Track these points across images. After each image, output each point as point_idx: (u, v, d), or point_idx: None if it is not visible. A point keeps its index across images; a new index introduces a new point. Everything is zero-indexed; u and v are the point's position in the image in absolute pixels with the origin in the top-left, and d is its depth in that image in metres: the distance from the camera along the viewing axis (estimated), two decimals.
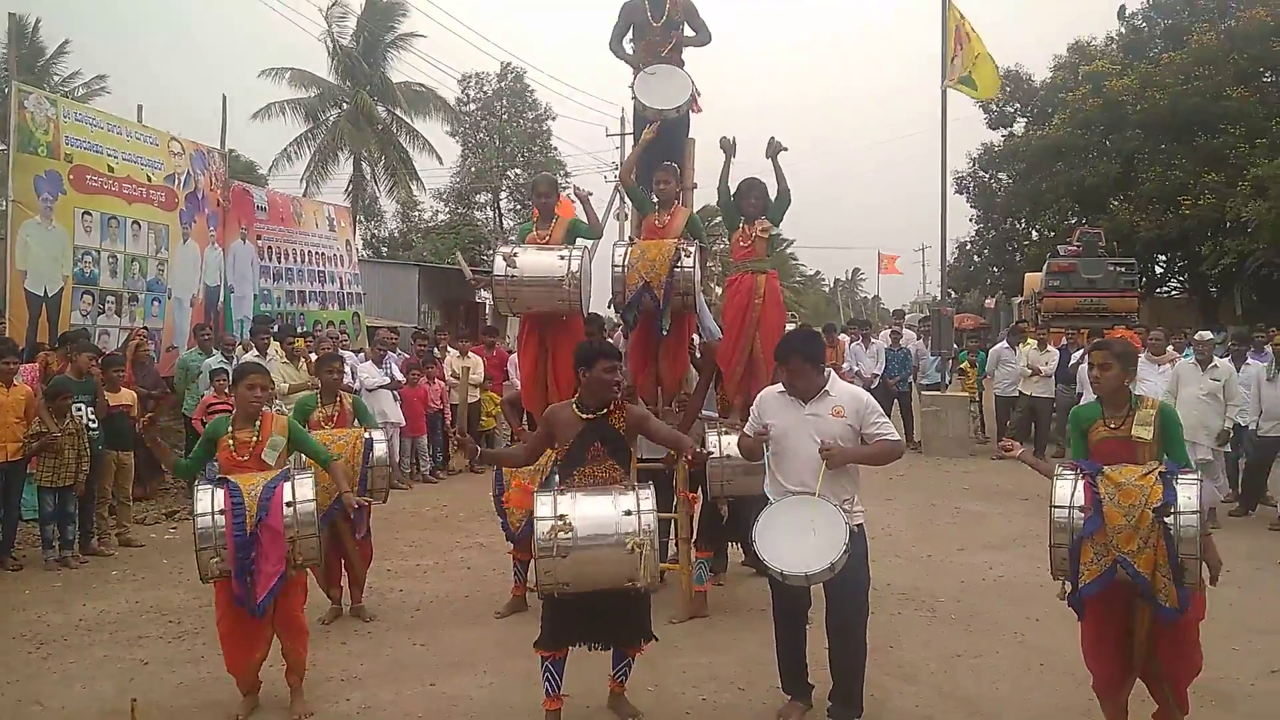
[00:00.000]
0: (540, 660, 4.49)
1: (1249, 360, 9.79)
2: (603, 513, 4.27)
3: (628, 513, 4.24)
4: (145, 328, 10.91)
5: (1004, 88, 27.78)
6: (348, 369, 8.57)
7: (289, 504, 4.49)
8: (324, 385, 6.42)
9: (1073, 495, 3.98)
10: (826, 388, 4.51)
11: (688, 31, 7.05)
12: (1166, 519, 3.77)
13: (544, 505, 4.28)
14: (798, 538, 4.19)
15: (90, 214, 10.54)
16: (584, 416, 4.50)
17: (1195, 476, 3.91)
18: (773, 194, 6.36)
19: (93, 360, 8.24)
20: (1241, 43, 22.81)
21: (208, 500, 4.46)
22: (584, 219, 6.75)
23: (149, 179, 11.52)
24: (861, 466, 4.58)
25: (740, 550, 7.12)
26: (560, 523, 4.18)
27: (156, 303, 11.56)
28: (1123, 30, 28.12)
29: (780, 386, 4.62)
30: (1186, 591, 3.79)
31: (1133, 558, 3.81)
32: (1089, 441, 4.21)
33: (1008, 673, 5.27)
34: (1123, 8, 28.18)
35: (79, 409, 7.73)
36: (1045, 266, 18.07)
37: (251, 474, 4.64)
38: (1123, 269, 17.29)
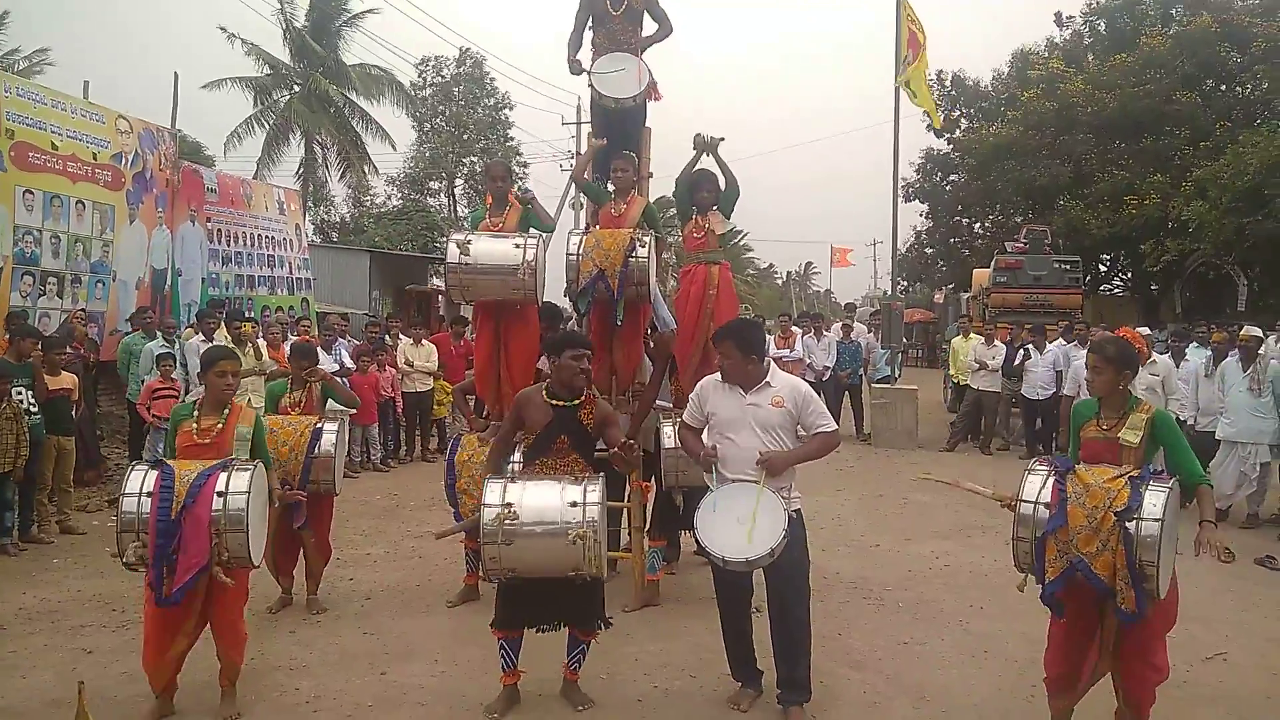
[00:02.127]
0: (497, 640, 4.57)
1: (1187, 356, 10.08)
2: (548, 503, 4.31)
3: (573, 504, 4.28)
4: (84, 309, 10.65)
5: (948, 93, 28.32)
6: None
7: (220, 494, 4.25)
8: (295, 378, 6.35)
9: (1040, 490, 3.95)
10: (767, 379, 4.55)
11: (648, 23, 7.02)
12: (1128, 523, 3.71)
13: (493, 492, 4.33)
14: (738, 525, 4.25)
15: (32, 192, 10.24)
16: (553, 404, 4.52)
17: (1167, 485, 3.82)
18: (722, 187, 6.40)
19: (34, 344, 8.05)
20: (1189, 48, 23.36)
21: (138, 482, 4.27)
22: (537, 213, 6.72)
23: (95, 157, 11.22)
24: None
25: (693, 539, 7.16)
26: (506, 511, 4.23)
27: (100, 285, 11.28)
28: (1065, 36, 28.68)
29: (720, 375, 4.65)
30: (1144, 596, 3.73)
31: (1090, 560, 3.76)
32: (1081, 438, 4.17)
33: (953, 659, 5.38)
34: (1059, 13, 28.76)
35: (18, 393, 7.54)
36: (993, 263, 18.38)
37: (199, 460, 4.46)
38: (1068, 266, 17.65)
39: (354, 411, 10.75)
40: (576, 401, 4.55)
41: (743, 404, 4.52)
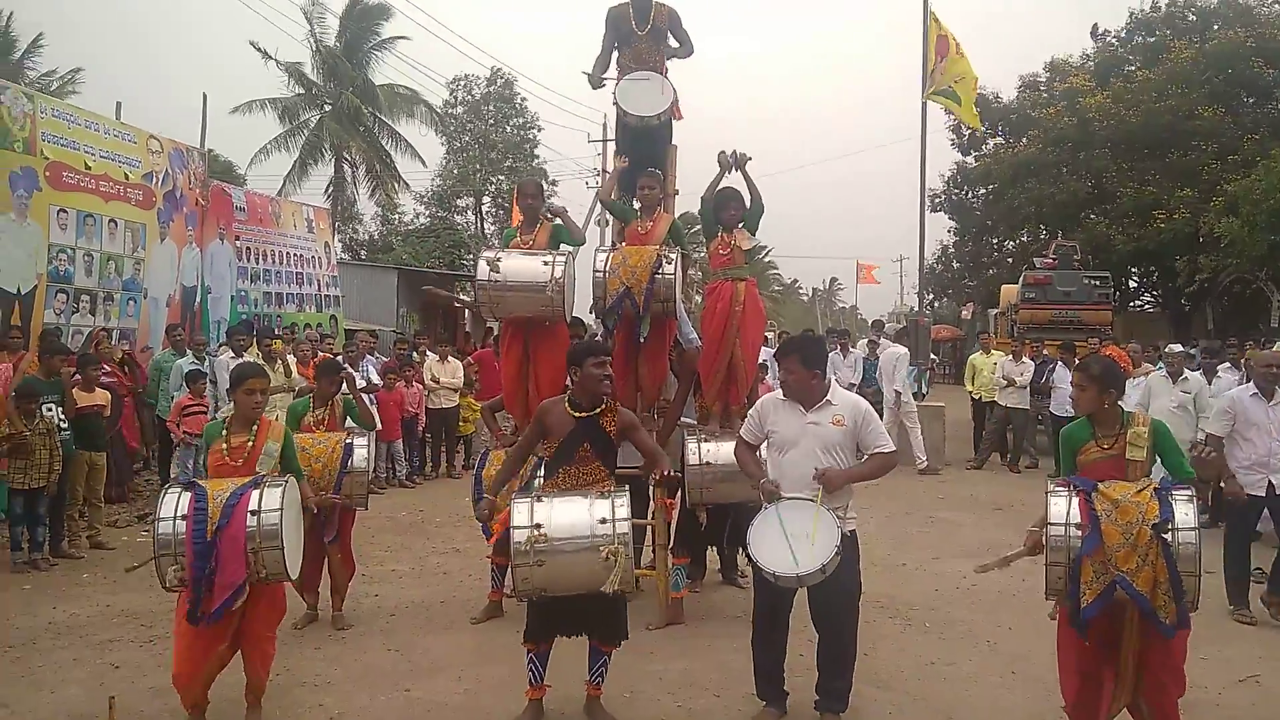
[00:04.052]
0: (526, 652, 4.59)
1: (1219, 374, 9.93)
2: (578, 520, 4.30)
3: (603, 520, 4.28)
4: (105, 328, 10.77)
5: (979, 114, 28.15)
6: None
7: (253, 512, 4.24)
8: (318, 395, 6.38)
9: (1068, 512, 3.88)
10: (828, 396, 4.54)
11: (671, 42, 7.05)
12: (1165, 535, 3.70)
13: (520, 514, 4.31)
14: (792, 541, 4.24)
15: (66, 211, 10.42)
16: (576, 415, 4.55)
17: (1190, 492, 3.85)
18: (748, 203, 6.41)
19: (65, 360, 8.15)
20: (1217, 62, 23.12)
21: (172, 505, 4.27)
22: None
23: (126, 177, 11.41)
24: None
25: (718, 557, 7.13)
26: (536, 532, 4.22)
27: (132, 302, 11.45)
28: (1096, 48, 28.46)
29: (782, 392, 4.65)
30: (1185, 608, 3.74)
31: (1131, 576, 3.72)
32: (1078, 461, 4.15)
33: (980, 680, 5.31)
34: (1095, 25, 28.56)
35: (49, 409, 7.64)
36: (1021, 279, 18.24)
37: (231, 479, 4.46)
38: (1097, 282, 17.45)
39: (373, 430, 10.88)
40: (598, 410, 4.58)
41: (803, 422, 4.50)
